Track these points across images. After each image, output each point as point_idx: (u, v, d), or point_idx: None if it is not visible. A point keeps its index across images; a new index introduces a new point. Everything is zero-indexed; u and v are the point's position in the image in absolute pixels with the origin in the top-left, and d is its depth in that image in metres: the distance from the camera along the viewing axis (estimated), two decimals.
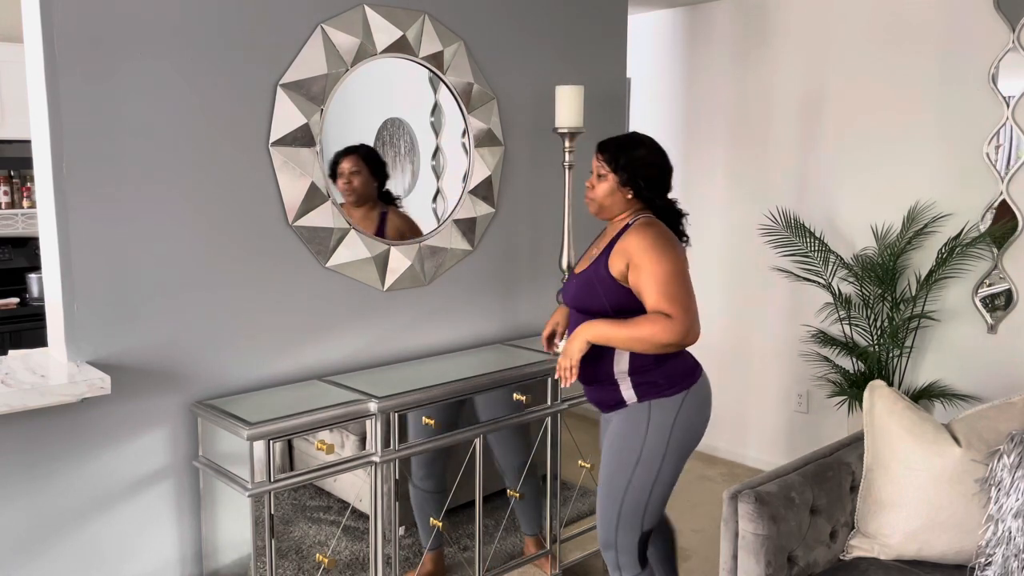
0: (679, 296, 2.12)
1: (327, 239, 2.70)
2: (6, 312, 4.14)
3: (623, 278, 2.21)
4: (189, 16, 2.36)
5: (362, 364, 2.86)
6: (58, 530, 2.26)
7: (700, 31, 4.50)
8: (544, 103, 3.29)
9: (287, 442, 2.30)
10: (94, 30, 2.19)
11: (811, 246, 3.83)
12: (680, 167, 4.64)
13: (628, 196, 2.29)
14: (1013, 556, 2.11)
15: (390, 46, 2.79)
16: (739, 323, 4.47)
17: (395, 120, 2.89)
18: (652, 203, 2.31)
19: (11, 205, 4.35)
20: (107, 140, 2.24)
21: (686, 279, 2.17)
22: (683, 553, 3.49)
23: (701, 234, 4.60)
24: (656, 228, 2.23)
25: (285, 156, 2.57)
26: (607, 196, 2.30)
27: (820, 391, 4.08)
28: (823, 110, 4.03)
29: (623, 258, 2.20)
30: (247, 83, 2.49)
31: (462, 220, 3.09)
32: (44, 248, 2.29)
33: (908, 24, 3.71)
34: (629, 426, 2.28)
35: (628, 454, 2.28)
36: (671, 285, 2.13)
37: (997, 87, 3.46)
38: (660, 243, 2.18)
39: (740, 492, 2.21)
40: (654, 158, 2.29)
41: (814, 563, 2.29)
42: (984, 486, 2.21)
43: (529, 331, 3.40)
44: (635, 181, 2.26)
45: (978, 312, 3.61)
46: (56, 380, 2.09)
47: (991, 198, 3.52)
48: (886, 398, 2.41)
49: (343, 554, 2.49)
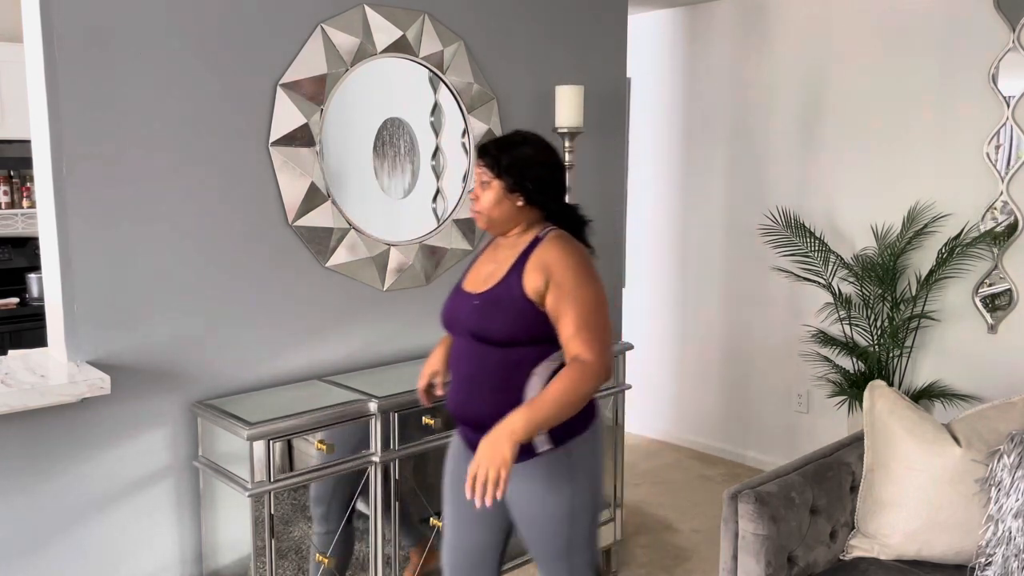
0: (600, 329, 1.86)
1: (327, 239, 2.70)
2: (6, 312, 4.14)
3: (539, 298, 1.89)
4: (189, 16, 2.36)
5: (362, 364, 2.86)
6: (58, 530, 2.26)
7: (700, 31, 4.50)
8: (544, 103, 3.29)
9: (287, 442, 2.30)
10: (94, 30, 2.19)
11: (811, 246, 3.83)
12: (680, 167, 4.66)
13: (519, 203, 1.96)
14: (1013, 556, 2.11)
15: (390, 46, 2.79)
16: (739, 323, 4.46)
17: (395, 120, 2.88)
18: (548, 209, 2.01)
19: (11, 205, 4.35)
20: (107, 140, 2.24)
21: (607, 309, 1.92)
22: (683, 553, 3.49)
23: (701, 234, 4.60)
24: (576, 244, 1.96)
25: (285, 156, 2.57)
26: (495, 206, 1.96)
27: (820, 391, 4.08)
28: (823, 110, 4.03)
29: (541, 274, 1.89)
30: (247, 83, 2.49)
31: (462, 220, 3.09)
32: (44, 248, 2.29)
33: (908, 24, 3.71)
34: (545, 483, 1.93)
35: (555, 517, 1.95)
36: (595, 315, 1.87)
37: (997, 87, 3.46)
38: (585, 263, 1.92)
39: (740, 492, 2.21)
40: (543, 156, 1.99)
41: (814, 563, 2.29)
42: (984, 486, 2.21)
43: None
44: (523, 185, 1.94)
45: (978, 312, 3.61)
46: (56, 380, 2.09)
47: (991, 198, 3.52)
48: (886, 398, 2.41)
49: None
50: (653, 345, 4.83)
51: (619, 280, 3.85)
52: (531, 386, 1.91)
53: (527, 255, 1.93)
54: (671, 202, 4.73)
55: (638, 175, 4.86)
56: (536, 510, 1.95)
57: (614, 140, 3.69)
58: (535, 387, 1.91)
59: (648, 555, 3.48)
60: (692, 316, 4.69)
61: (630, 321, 4.57)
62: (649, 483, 4.25)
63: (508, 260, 1.97)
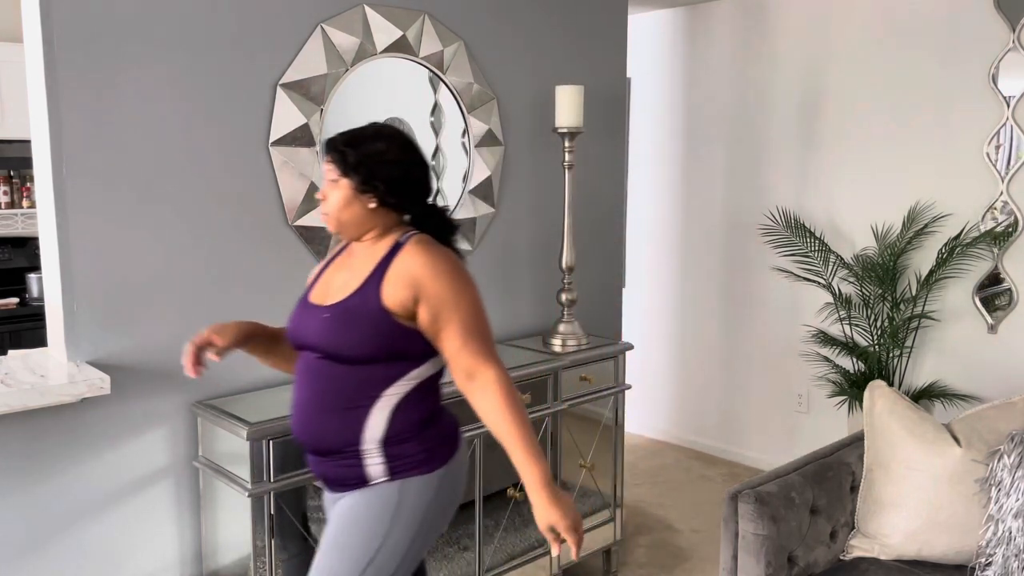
0: (486, 336, 1.72)
1: (327, 239, 2.70)
2: (6, 312, 4.14)
3: (406, 313, 1.70)
4: (189, 16, 2.36)
5: None
6: (58, 530, 2.26)
7: (700, 31, 4.50)
8: (544, 103, 3.29)
9: (287, 442, 2.30)
10: (94, 30, 2.19)
11: (811, 246, 3.83)
12: (680, 167, 4.66)
13: (371, 206, 1.75)
14: (1013, 556, 2.11)
15: (390, 46, 2.79)
16: (739, 323, 4.46)
17: (395, 120, 2.88)
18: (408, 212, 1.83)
19: (11, 205, 4.36)
20: (107, 140, 2.24)
21: (486, 313, 1.76)
22: (683, 553, 3.49)
23: (701, 234, 4.60)
24: (441, 248, 1.77)
25: (285, 156, 2.57)
26: (344, 208, 1.75)
27: (820, 391, 4.08)
28: (823, 110, 4.03)
29: (407, 288, 1.69)
30: (247, 83, 2.49)
31: (462, 220, 3.09)
32: (44, 248, 2.29)
33: (908, 24, 3.71)
34: (370, 511, 1.74)
35: (362, 546, 1.73)
36: (478, 321, 1.72)
37: (997, 87, 3.46)
38: (456, 267, 1.74)
39: (740, 492, 2.21)
40: (398, 154, 1.78)
41: (814, 563, 2.29)
42: (984, 486, 2.21)
43: (529, 331, 3.39)
44: (373, 184, 1.74)
45: (978, 312, 3.61)
46: (56, 380, 2.09)
47: (991, 198, 3.52)
48: (886, 398, 2.41)
49: None
50: (653, 345, 4.83)
51: (619, 280, 3.85)
52: (377, 409, 1.72)
53: (387, 263, 1.73)
54: (671, 202, 4.73)
55: (638, 175, 4.86)
56: (346, 523, 1.75)
57: (614, 140, 3.69)
58: (381, 412, 1.72)
59: (648, 555, 3.48)
60: (692, 316, 4.69)
61: (630, 321, 4.57)
62: (649, 483, 4.25)
63: (364, 269, 1.75)
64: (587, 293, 3.47)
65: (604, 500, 3.22)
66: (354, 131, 1.81)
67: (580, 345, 3.10)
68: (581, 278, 3.34)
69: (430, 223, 1.84)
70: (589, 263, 3.53)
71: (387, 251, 1.76)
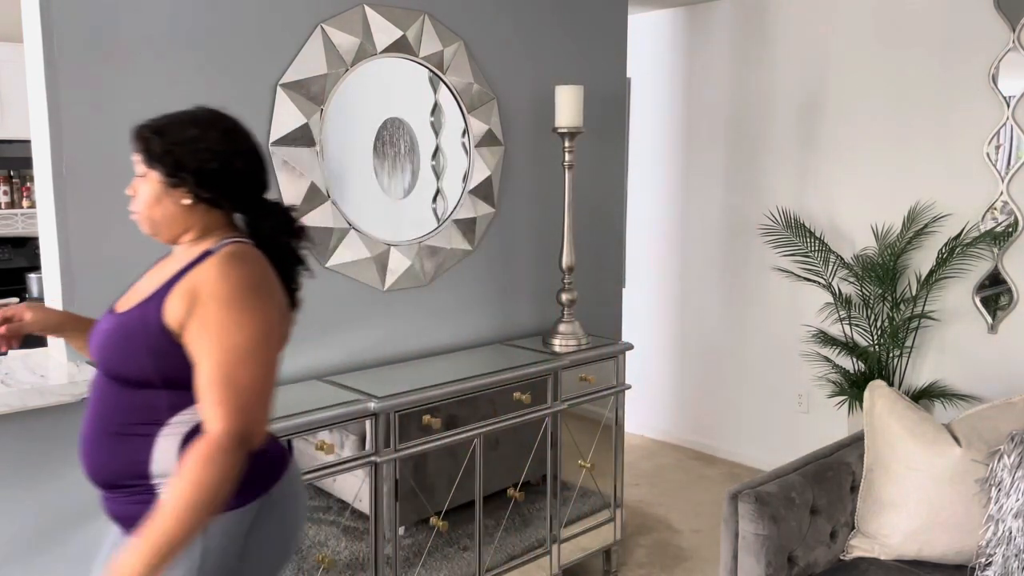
0: (243, 388, 1.41)
1: (327, 239, 2.70)
2: None
3: (181, 329, 1.45)
4: (189, 16, 2.36)
5: (362, 364, 2.86)
6: (58, 530, 2.25)
7: (700, 31, 4.50)
8: (544, 103, 3.28)
9: (287, 442, 2.30)
10: (94, 30, 2.19)
11: (811, 246, 3.83)
12: (680, 167, 4.66)
13: (184, 202, 1.52)
14: (1013, 556, 2.11)
15: (390, 46, 2.79)
16: (739, 323, 4.46)
17: (395, 120, 2.88)
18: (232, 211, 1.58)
19: (11, 205, 4.36)
20: (107, 140, 2.24)
21: (269, 354, 1.47)
22: (683, 553, 3.49)
23: (701, 234, 4.60)
24: (249, 266, 1.49)
25: (285, 156, 2.57)
26: (153, 204, 1.52)
27: (820, 391, 4.08)
28: (823, 110, 4.03)
29: (186, 301, 1.44)
30: (247, 83, 2.49)
31: (462, 220, 3.09)
32: (44, 248, 2.29)
33: (908, 24, 3.71)
34: None
35: None
36: (241, 367, 1.41)
37: (997, 87, 3.46)
38: (245, 297, 1.44)
39: (740, 492, 2.21)
40: (214, 142, 1.51)
41: (814, 563, 2.29)
42: (984, 486, 2.21)
43: (529, 331, 3.39)
44: (181, 176, 1.50)
45: (978, 312, 3.61)
46: (56, 380, 2.09)
47: (991, 198, 3.52)
48: (886, 398, 2.41)
49: (343, 554, 2.49)
50: (653, 345, 4.83)
51: (619, 280, 3.85)
52: (163, 437, 1.48)
53: (182, 275, 1.48)
54: (671, 202, 4.73)
55: (638, 175, 4.86)
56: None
57: (614, 140, 3.69)
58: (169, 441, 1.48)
59: (648, 555, 3.48)
60: (692, 316, 4.69)
61: (630, 321, 4.57)
62: (649, 483, 4.25)
63: (162, 278, 1.52)
64: (587, 293, 3.47)
65: (604, 500, 3.22)
66: (167, 116, 1.54)
67: (580, 345, 3.10)
68: (581, 278, 3.34)
69: (266, 225, 1.60)
70: (589, 263, 3.53)
71: (192, 260, 1.51)
